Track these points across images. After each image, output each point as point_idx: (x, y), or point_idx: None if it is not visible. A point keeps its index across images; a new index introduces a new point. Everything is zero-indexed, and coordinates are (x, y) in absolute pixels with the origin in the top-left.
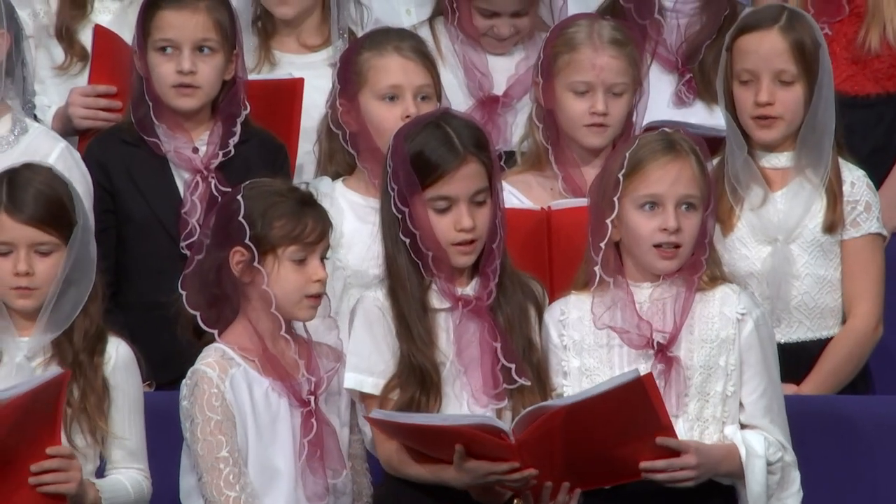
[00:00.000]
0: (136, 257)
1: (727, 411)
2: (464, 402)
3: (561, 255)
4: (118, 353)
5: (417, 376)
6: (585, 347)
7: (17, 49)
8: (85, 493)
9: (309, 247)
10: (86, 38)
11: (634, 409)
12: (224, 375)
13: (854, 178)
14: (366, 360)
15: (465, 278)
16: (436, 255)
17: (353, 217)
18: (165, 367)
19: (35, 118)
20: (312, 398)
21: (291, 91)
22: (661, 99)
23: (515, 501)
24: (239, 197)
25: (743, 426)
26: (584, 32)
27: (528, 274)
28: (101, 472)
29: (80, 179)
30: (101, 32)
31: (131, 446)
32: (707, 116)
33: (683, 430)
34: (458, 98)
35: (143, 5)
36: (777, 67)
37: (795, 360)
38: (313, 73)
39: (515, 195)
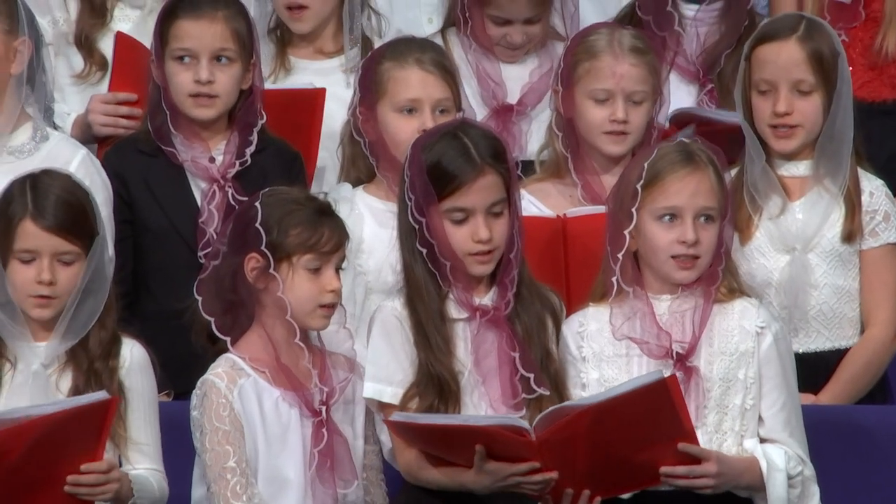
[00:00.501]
0: (154, 267)
1: (745, 424)
2: (482, 411)
3: (577, 262)
4: (133, 355)
5: (436, 385)
6: (604, 358)
7: (38, 56)
8: (120, 487)
9: (324, 256)
10: (105, 46)
11: (657, 412)
12: (232, 386)
13: (873, 187)
14: (384, 369)
15: (482, 288)
16: (453, 266)
17: (374, 222)
18: (183, 376)
19: (54, 125)
20: (324, 408)
21: (312, 101)
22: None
23: None
24: (257, 203)
25: (762, 440)
26: (605, 40)
27: (547, 286)
28: None
29: (100, 187)
30: (122, 39)
31: (148, 449)
32: None
33: (702, 441)
34: (473, 108)
35: (161, 14)
36: (795, 77)
37: (813, 369)
38: (327, 80)
39: (534, 203)
